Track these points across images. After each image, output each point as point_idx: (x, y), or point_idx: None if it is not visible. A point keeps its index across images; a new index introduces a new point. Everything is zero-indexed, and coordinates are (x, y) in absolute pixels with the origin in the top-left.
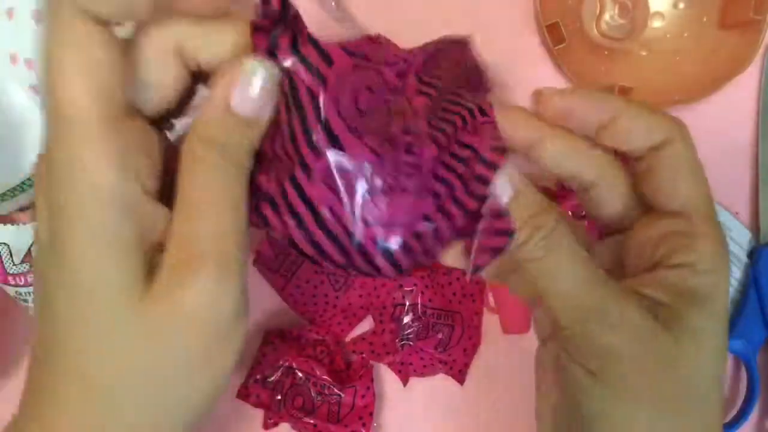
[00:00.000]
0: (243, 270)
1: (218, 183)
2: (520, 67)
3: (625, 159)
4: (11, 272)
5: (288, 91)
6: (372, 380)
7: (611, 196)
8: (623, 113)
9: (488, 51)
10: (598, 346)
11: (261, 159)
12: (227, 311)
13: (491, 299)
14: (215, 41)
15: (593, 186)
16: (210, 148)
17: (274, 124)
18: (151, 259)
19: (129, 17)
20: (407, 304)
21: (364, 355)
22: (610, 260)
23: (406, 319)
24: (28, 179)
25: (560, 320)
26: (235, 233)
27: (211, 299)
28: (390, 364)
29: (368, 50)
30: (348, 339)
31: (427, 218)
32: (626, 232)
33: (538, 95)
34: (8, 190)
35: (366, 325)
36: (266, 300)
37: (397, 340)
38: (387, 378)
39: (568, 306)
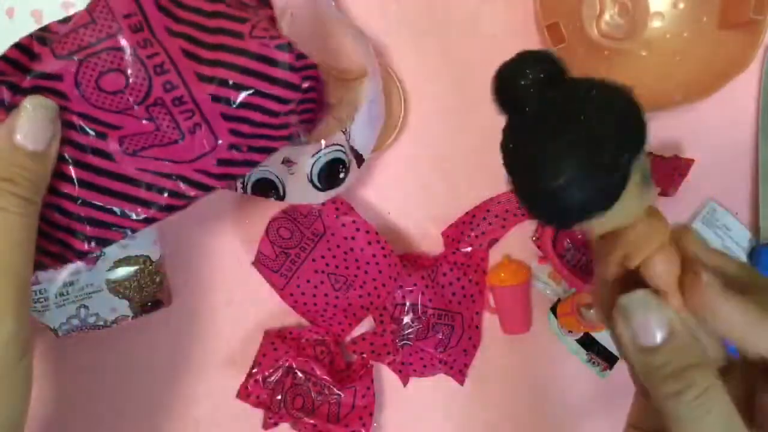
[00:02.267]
0: (21, 310)
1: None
2: None
3: None
4: None
5: None
6: (372, 380)
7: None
8: None
9: (488, 51)
10: None
11: None
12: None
13: (491, 300)
14: None
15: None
16: None
17: None
18: None
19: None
20: (407, 304)
21: (364, 355)
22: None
23: (407, 319)
24: None
25: None
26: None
27: None
28: (390, 364)
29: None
30: (348, 339)
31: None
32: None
33: (696, 277)
34: None
35: (366, 325)
36: (266, 300)
37: (397, 340)
38: (387, 378)
39: None
